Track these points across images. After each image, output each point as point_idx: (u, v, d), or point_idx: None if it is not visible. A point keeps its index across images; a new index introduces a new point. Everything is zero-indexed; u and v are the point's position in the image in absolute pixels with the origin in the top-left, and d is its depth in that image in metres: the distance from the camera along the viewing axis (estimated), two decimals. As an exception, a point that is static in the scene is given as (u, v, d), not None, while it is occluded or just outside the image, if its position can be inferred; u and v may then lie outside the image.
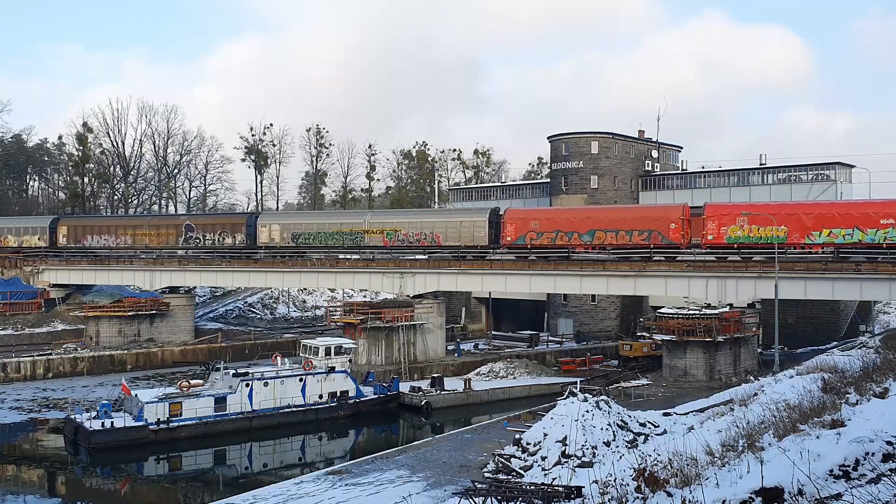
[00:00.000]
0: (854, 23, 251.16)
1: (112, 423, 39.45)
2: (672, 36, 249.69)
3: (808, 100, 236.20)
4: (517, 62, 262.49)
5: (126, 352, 63.33)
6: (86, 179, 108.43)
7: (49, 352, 61.25)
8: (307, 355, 47.52)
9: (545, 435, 28.92)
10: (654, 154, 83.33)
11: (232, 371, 45.26)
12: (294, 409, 44.78)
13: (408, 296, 61.59)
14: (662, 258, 57.07)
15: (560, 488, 20.66)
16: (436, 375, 52.52)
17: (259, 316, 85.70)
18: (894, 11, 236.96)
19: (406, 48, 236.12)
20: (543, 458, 27.78)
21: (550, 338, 72.66)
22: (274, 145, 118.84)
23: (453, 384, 52.52)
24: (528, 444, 29.25)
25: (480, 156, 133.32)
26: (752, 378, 39.98)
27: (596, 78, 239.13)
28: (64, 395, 52.68)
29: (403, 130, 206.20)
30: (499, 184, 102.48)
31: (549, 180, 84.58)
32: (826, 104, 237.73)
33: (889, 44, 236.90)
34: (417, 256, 65.33)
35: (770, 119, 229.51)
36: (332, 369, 46.78)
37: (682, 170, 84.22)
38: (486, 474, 27.93)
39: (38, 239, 78.26)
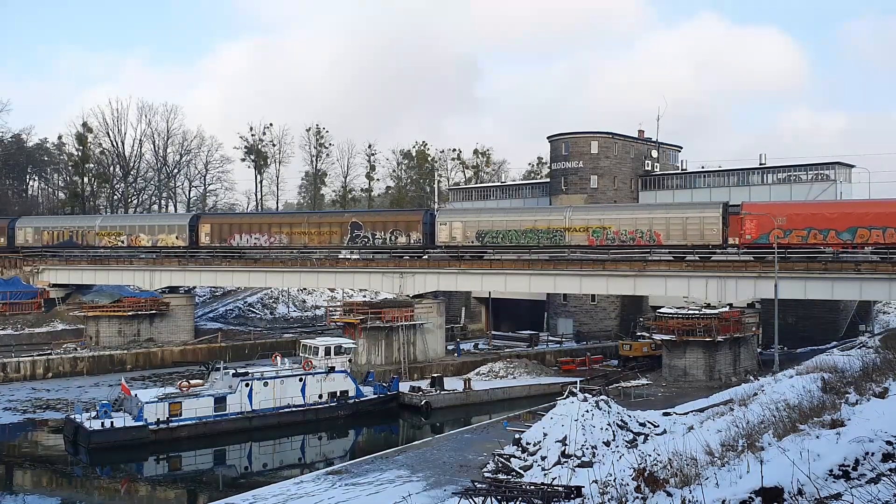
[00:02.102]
0: (846, 24, 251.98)
1: (112, 423, 39.44)
2: (666, 38, 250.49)
3: (802, 101, 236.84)
4: (513, 63, 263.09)
5: (126, 352, 63.32)
6: (85, 179, 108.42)
7: (49, 352, 61.23)
8: (307, 355, 47.52)
9: (545, 435, 28.92)
10: (654, 154, 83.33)
11: (232, 371, 45.26)
12: (294, 409, 44.77)
13: (408, 296, 61.59)
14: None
15: (560, 488, 20.65)
16: (436, 375, 52.52)
17: (259, 316, 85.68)
18: (886, 13, 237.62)
19: (403, 49, 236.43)
20: (543, 458, 27.78)
21: (550, 338, 72.65)
22: (274, 145, 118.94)
23: (453, 384, 52.53)
24: (527, 443, 29.24)
25: (480, 156, 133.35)
26: (751, 378, 39.97)
27: (591, 79, 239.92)
28: (58, 395, 52.55)
29: (402, 131, 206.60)
30: (498, 184, 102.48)
31: (548, 180, 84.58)
32: (821, 105, 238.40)
33: (881, 45, 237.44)
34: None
35: (765, 120, 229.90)
36: (331, 369, 46.78)
37: (682, 170, 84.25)
38: (486, 474, 27.93)
39: (177, 238, 72.81)
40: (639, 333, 59.37)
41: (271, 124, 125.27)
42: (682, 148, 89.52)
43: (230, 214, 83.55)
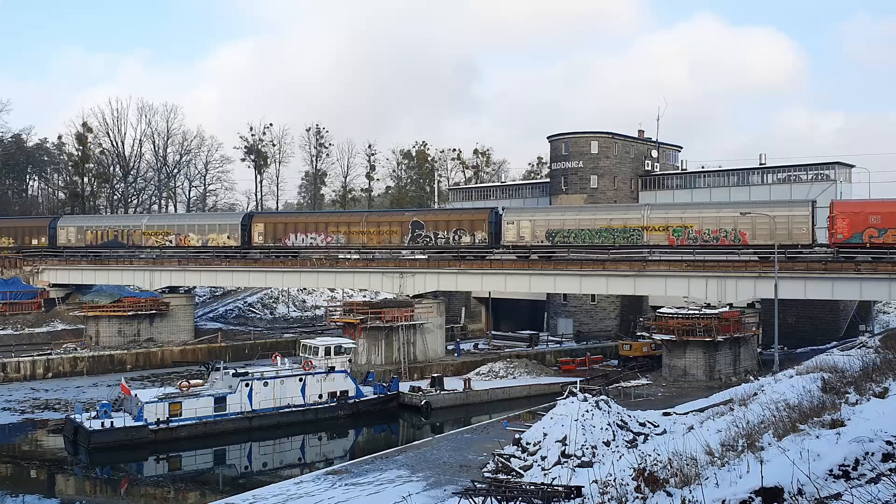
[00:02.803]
0: (843, 24, 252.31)
1: (112, 423, 39.44)
2: (663, 38, 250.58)
3: (799, 101, 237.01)
4: (511, 64, 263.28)
5: (126, 352, 63.32)
6: (85, 179, 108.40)
7: (49, 352, 61.24)
8: (307, 355, 47.52)
9: (545, 435, 28.90)
10: (654, 154, 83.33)
11: (232, 371, 45.26)
12: (294, 409, 44.77)
13: (408, 296, 61.58)
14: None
15: (560, 488, 20.65)
16: (435, 375, 52.51)
17: (259, 316, 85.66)
18: (882, 14, 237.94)
19: (402, 49, 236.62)
20: (543, 458, 27.76)
21: (550, 338, 72.65)
22: (273, 145, 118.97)
23: (453, 384, 52.52)
24: (527, 443, 29.23)
25: (480, 156, 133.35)
26: (751, 378, 39.93)
27: (589, 79, 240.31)
28: (57, 395, 52.53)
29: (401, 131, 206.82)
30: (498, 184, 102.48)
31: (548, 180, 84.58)
32: (818, 105, 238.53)
33: (877, 45, 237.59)
34: (417, 256, 65.06)
35: (762, 120, 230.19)
36: (331, 369, 46.78)
37: (682, 169, 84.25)
38: (486, 474, 27.91)
39: (228, 237, 71.01)
40: (639, 333, 59.36)
41: (271, 124, 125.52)
42: (682, 148, 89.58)
43: (285, 213, 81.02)
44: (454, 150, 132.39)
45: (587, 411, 29.20)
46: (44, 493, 35.95)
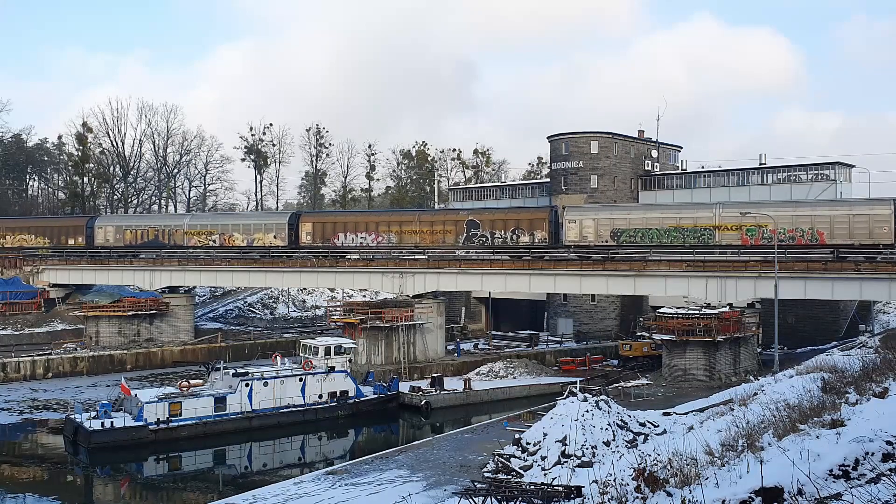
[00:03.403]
0: (841, 25, 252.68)
1: (112, 423, 39.44)
2: (661, 38, 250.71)
3: (797, 101, 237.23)
4: (510, 64, 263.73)
5: (126, 352, 63.32)
6: (85, 179, 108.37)
7: (49, 352, 61.24)
8: (307, 355, 47.52)
9: (545, 435, 28.90)
10: (654, 154, 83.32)
11: (232, 371, 45.26)
12: (294, 409, 44.77)
13: (408, 296, 61.58)
14: None
15: (560, 488, 20.65)
16: (435, 375, 52.51)
17: (259, 316, 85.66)
18: (879, 15, 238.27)
19: (401, 50, 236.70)
20: (543, 458, 27.76)
21: (550, 338, 72.65)
22: (273, 145, 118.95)
23: (453, 384, 52.52)
24: (527, 443, 29.23)
25: (480, 156, 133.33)
26: (751, 378, 39.94)
27: (588, 79, 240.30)
28: (56, 395, 52.51)
29: (401, 131, 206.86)
30: (498, 184, 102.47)
31: (548, 180, 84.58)
32: (816, 105, 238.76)
33: (874, 46, 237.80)
34: (417, 256, 64.92)
35: (760, 120, 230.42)
36: (331, 369, 46.78)
37: (682, 170, 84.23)
38: (486, 474, 27.91)
39: (275, 237, 69.19)
40: (639, 333, 59.36)
41: (271, 124, 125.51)
42: (682, 148, 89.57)
43: (334, 212, 78.95)
44: (454, 150, 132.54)
45: (587, 411, 29.20)
46: (44, 493, 35.92)
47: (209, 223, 74.25)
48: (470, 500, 21.28)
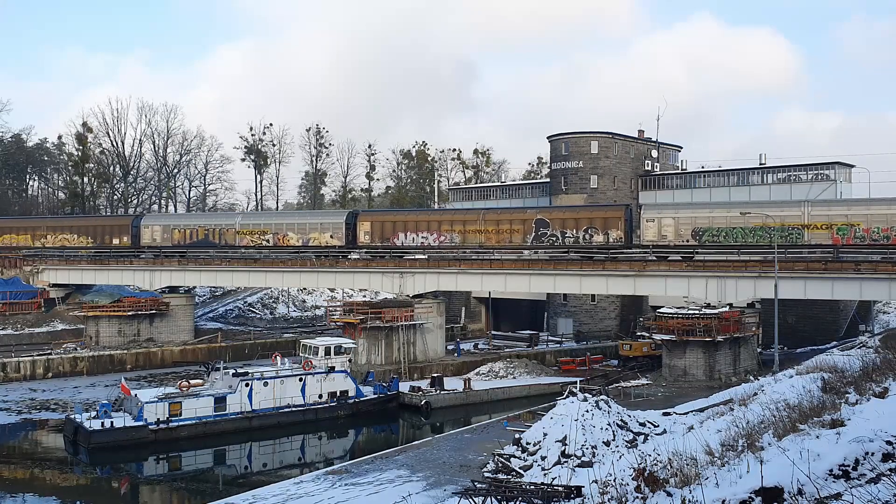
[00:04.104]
0: (839, 25, 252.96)
1: (112, 423, 39.45)
2: (661, 39, 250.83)
3: (796, 101, 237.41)
4: (509, 64, 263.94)
5: (126, 352, 63.32)
6: (85, 179, 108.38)
7: (49, 352, 61.24)
8: (307, 355, 47.52)
9: (545, 435, 28.90)
10: (654, 154, 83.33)
11: (232, 371, 45.25)
12: (294, 409, 44.77)
13: (408, 296, 61.57)
14: None
15: (560, 488, 20.64)
16: (435, 375, 52.52)
17: (259, 316, 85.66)
18: (877, 15, 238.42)
19: (400, 50, 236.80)
20: (543, 458, 27.76)
21: (550, 338, 72.65)
22: (273, 145, 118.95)
23: (453, 384, 52.53)
24: (527, 443, 29.23)
25: (480, 156, 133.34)
26: (751, 378, 39.96)
27: (587, 79, 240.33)
28: (54, 396, 52.48)
29: (400, 131, 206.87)
30: (498, 184, 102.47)
31: (548, 180, 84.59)
32: (815, 105, 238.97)
33: (873, 46, 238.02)
34: (417, 256, 64.82)
35: (760, 120, 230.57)
36: (331, 369, 46.78)
37: (682, 169, 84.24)
38: (486, 474, 27.91)
39: (331, 237, 66.90)
40: (639, 333, 59.37)
41: (271, 124, 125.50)
42: (682, 148, 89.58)
43: (393, 211, 75.84)
44: (454, 150, 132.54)
45: (587, 411, 29.20)
46: (44, 493, 35.92)
47: (262, 222, 72.02)
48: (470, 500, 21.27)
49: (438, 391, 50.54)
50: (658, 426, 30.77)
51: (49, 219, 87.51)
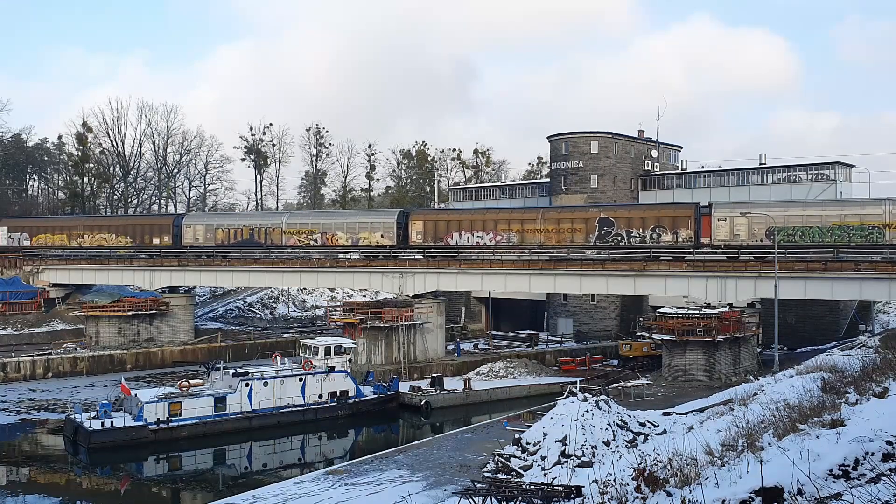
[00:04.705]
0: (837, 25, 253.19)
1: (112, 422, 39.45)
2: (659, 39, 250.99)
3: (795, 102, 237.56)
4: (508, 64, 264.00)
5: (126, 351, 63.32)
6: (85, 179, 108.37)
7: (49, 352, 61.23)
8: (307, 355, 47.52)
9: (545, 435, 28.90)
10: (654, 154, 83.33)
11: (232, 371, 45.25)
12: (294, 409, 44.77)
13: (408, 296, 61.57)
14: None
15: (560, 488, 20.64)
16: (435, 375, 52.53)
17: (259, 316, 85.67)
18: (875, 15, 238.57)
19: (400, 50, 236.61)
20: (543, 458, 27.77)
21: (550, 337, 72.65)
22: (273, 145, 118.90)
23: (453, 384, 52.54)
24: (527, 443, 29.23)
25: (480, 156, 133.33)
26: (751, 378, 39.96)
27: (586, 80, 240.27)
28: (53, 396, 52.45)
29: (400, 131, 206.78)
30: (498, 183, 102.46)
31: (548, 180, 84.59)
32: (813, 105, 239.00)
33: (871, 46, 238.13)
34: (417, 256, 64.69)
35: (759, 120, 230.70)
36: (331, 369, 46.78)
37: (682, 169, 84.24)
38: (486, 474, 27.92)
39: (382, 237, 65.15)
40: (639, 333, 59.35)
41: (271, 124, 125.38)
42: (681, 148, 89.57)
43: (447, 210, 73.34)
44: (454, 150, 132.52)
45: (587, 411, 29.20)
46: (44, 492, 35.93)
47: (310, 221, 69.87)
48: (470, 500, 21.27)
49: (438, 391, 50.54)
50: (658, 426, 30.77)
51: (86, 217, 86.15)
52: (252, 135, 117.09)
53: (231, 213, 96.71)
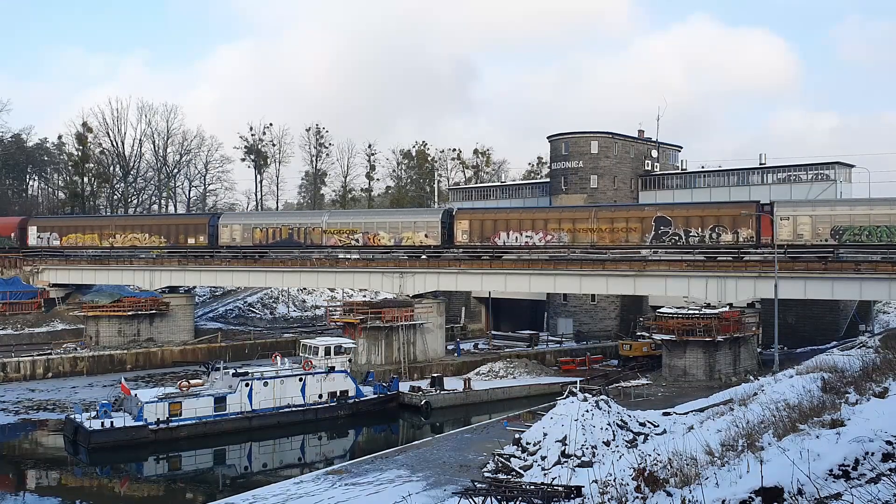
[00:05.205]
0: (836, 26, 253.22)
1: (112, 422, 39.44)
2: (659, 39, 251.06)
3: (794, 102, 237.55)
4: (507, 64, 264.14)
5: (126, 351, 63.32)
6: (85, 179, 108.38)
7: (49, 352, 61.23)
8: (307, 355, 47.52)
9: (545, 435, 28.90)
10: (654, 154, 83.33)
11: (231, 371, 45.24)
12: (294, 409, 44.76)
13: (408, 296, 61.57)
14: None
15: (560, 488, 20.64)
16: (435, 375, 52.53)
17: (259, 316, 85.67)
18: (873, 16, 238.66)
19: (399, 50, 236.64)
20: (543, 458, 27.76)
21: (550, 337, 72.65)
22: (273, 145, 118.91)
23: (453, 384, 52.53)
24: (527, 443, 29.23)
25: (480, 156, 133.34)
26: (751, 378, 39.97)
27: (586, 80, 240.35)
28: (52, 396, 52.43)
29: (399, 131, 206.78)
30: (498, 183, 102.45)
31: (548, 180, 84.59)
32: (812, 105, 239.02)
33: (869, 46, 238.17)
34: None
35: (759, 120, 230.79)
36: (331, 369, 46.78)
37: (682, 169, 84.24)
38: (486, 474, 27.92)
39: (426, 236, 63.99)
40: (639, 333, 59.36)
41: (271, 124, 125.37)
42: (682, 148, 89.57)
43: (494, 209, 71.03)
44: (454, 150, 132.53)
45: (587, 411, 29.20)
46: (44, 493, 35.95)
47: (351, 221, 68.63)
48: (470, 500, 21.27)
49: (438, 391, 50.53)
50: (658, 426, 30.77)
51: (119, 217, 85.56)
52: (252, 135, 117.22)
53: (269, 212, 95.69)
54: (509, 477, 26.55)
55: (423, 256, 64.45)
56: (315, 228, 68.28)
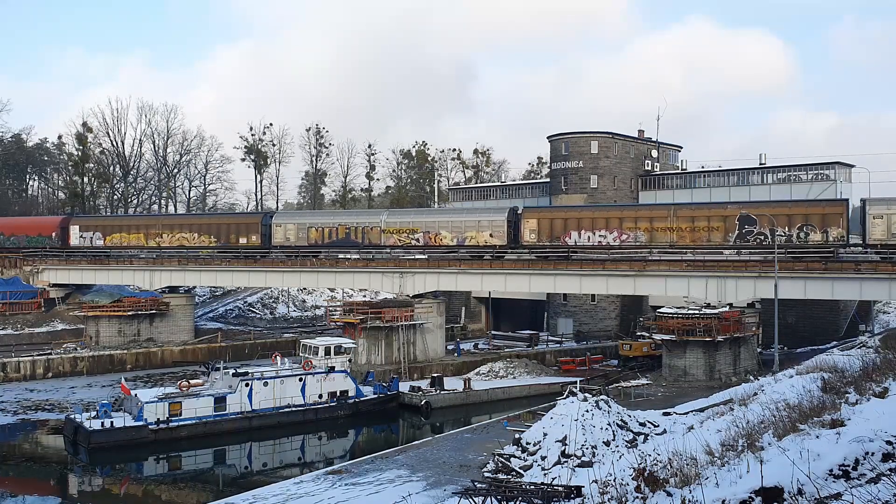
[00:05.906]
0: (834, 26, 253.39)
1: (112, 422, 39.44)
2: (657, 40, 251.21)
3: (792, 102, 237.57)
4: (507, 64, 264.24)
5: (126, 351, 63.31)
6: (85, 179, 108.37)
7: (49, 352, 61.22)
8: (307, 355, 47.51)
9: (545, 435, 28.90)
10: (654, 154, 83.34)
11: (231, 371, 45.24)
12: (294, 409, 44.75)
13: (408, 295, 61.56)
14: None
15: (560, 488, 20.64)
16: (435, 375, 52.51)
17: (259, 316, 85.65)
18: (868, 16, 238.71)
19: (399, 50, 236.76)
20: (543, 458, 27.76)
21: (550, 337, 72.64)
22: (273, 145, 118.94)
23: (453, 384, 52.52)
24: (527, 443, 29.23)
25: (480, 156, 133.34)
26: (751, 378, 39.95)
27: (585, 80, 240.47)
28: (51, 396, 52.40)
29: (399, 131, 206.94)
30: (498, 183, 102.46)
31: (548, 180, 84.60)
32: (811, 105, 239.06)
33: (868, 46, 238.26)
34: (417, 256, 64.46)
35: (757, 121, 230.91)
36: (331, 369, 46.77)
37: (682, 169, 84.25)
38: (486, 474, 27.91)
39: (491, 236, 62.17)
40: (639, 333, 59.35)
41: (271, 124, 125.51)
42: (682, 148, 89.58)
43: (564, 207, 68.17)
44: (454, 150, 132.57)
45: (587, 411, 29.20)
46: (43, 492, 35.94)
47: (411, 220, 66.59)
48: (470, 500, 21.27)
49: (438, 391, 50.52)
50: (658, 426, 30.77)
51: (165, 216, 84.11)
52: (252, 135, 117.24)
53: (325, 211, 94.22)
54: (509, 477, 26.55)
55: (486, 257, 62.71)
56: (373, 228, 66.41)
